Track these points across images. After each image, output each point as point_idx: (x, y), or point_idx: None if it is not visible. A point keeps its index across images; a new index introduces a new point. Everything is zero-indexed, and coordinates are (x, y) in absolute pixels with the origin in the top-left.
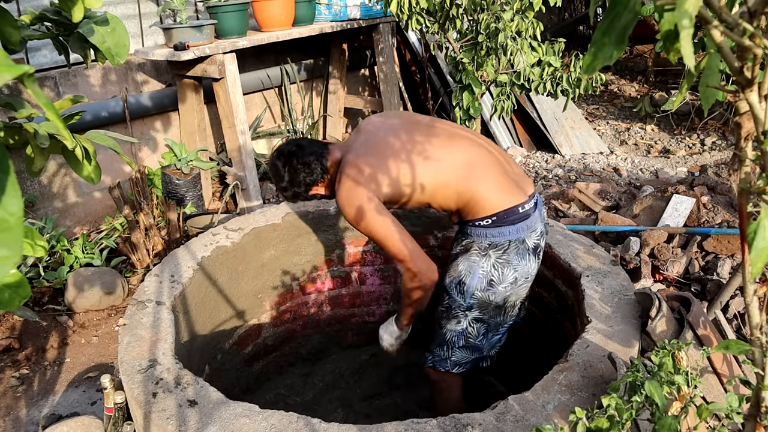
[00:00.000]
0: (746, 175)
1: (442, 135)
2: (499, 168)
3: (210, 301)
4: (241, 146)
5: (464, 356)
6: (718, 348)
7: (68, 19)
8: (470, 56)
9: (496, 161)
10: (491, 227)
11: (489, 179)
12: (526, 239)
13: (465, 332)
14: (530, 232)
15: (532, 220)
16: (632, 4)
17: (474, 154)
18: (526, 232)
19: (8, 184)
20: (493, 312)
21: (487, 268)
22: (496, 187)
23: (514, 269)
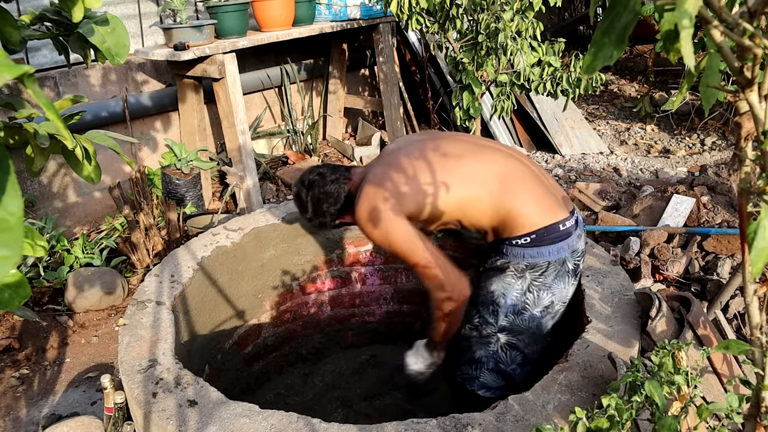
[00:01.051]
0: (746, 175)
1: (471, 147)
2: (536, 181)
3: (210, 301)
4: (241, 146)
5: (494, 380)
6: (718, 348)
7: (68, 19)
8: (470, 56)
9: (533, 174)
10: (529, 247)
11: (526, 193)
12: (567, 260)
13: (496, 355)
14: (571, 252)
15: (572, 239)
16: (632, 4)
17: (507, 167)
18: (567, 252)
19: (8, 184)
20: (530, 339)
21: (522, 290)
22: (534, 202)
23: (551, 293)
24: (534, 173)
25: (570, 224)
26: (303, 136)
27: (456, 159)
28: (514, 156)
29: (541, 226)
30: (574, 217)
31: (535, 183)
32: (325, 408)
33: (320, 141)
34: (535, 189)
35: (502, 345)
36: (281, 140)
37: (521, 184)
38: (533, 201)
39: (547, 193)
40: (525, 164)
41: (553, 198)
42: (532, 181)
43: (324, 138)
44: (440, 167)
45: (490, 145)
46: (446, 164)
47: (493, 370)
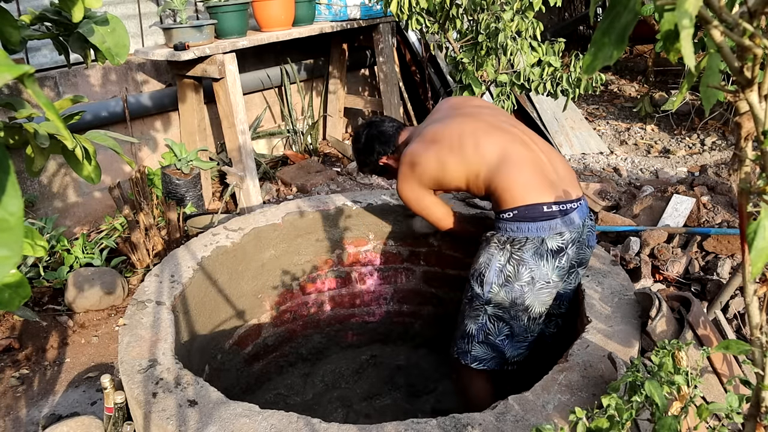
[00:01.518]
0: (746, 175)
1: (487, 126)
2: (535, 166)
3: (210, 301)
4: (241, 146)
5: (484, 353)
6: (718, 348)
7: (68, 19)
8: (470, 56)
9: (533, 159)
10: (511, 221)
11: (519, 174)
12: (546, 240)
13: (485, 327)
14: (553, 234)
15: (557, 222)
16: (632, 4)
17: (510, 149)
18: (548, 232)
19: (8, 184)
20: (515, 312)
21: (503, 262)
22: (523, 182)
23: (529, 269)
24: (536, 158)
25: (556, 209)
26: (303, 136)
27: (472, 137)
28: (522, 141)
29: (522, 203)
30: (568, 204)
31: (532, 167)
32: (325, 408)
33: (320, 141)
34: (529, 172)
35: (489, 316)
36: (281, 140)
37: (517, 166)
38: (521, 181)
39: (541, 177)
40: (531, 149)
41: (547, 183)
42: (530, 165)
43: (324, 138)
44: (458, 145)
45: (505, 127)
46: (463, 142)
47: (483, 342)
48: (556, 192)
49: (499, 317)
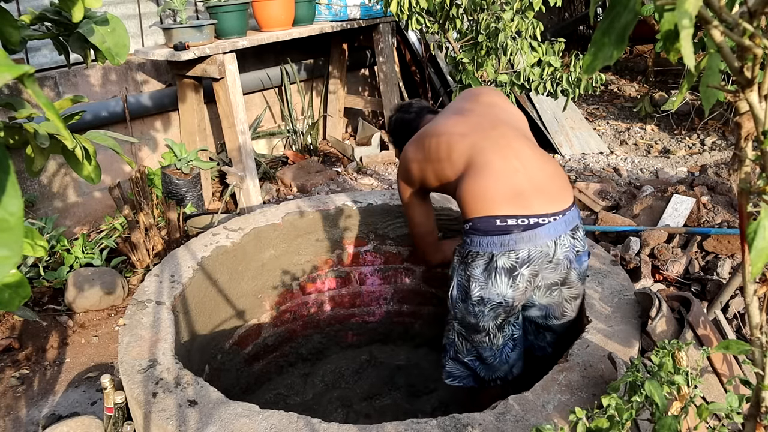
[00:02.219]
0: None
1: (467, 129)
2: (502, 176)
3: (210, 301)
4: (241, 146)
5: (458, 370)
6: (718, 348)
7: (68, 19)
8: (470, 56)
9: (503, 168)
10: (467, 233)
11: (479, 183)
12: (497, 257)
13: (454, 344)
14: (504, 250)
15: (510, 238)
16: (632, 4)
17: (479, 156)
18: (499, 248)
19: (8, 184)
20: (473, 333)
21: (462, 276)
22: (480, 193)
23: (479, 286)
24: (505, 167)
25: (513, 222)
26: (303, 136)
27: (447, 142)
28: (497, 145)
29: (476, 215)
30: (535, 219)
31: (495, 176)
32: (325, 408)
33: (320, 141)
34: (490, 181)
35: (457, 333)
36: (281, 140)
37: (478, 175)
38: (479, 192)
39: (504, 187)
40: (503, 156)
41: (511, 194)
42: (495, 174)
43: (324, 138)
44: (435, 152)
45: (486, 131)
46: (439, 149)
47: (455, 360)
48: (521, 204)
49: (463, 335)
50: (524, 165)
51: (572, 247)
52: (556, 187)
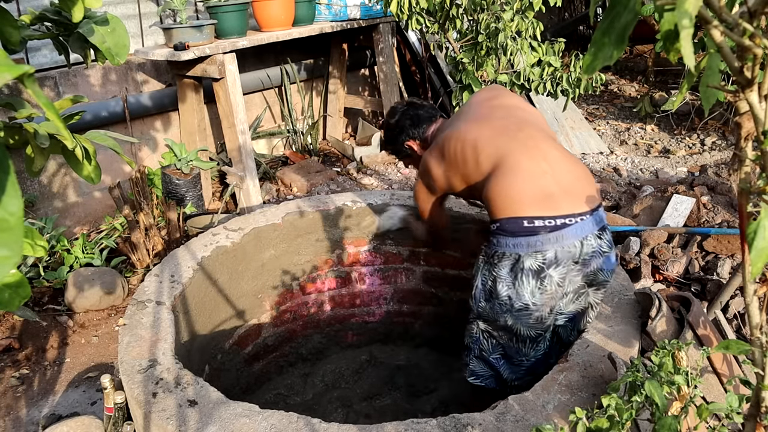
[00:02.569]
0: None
1: (492, 133)
2: (530, 176)
3: (210, 301)
4: (241, 146)
5: (482, 369)
6: (718, 348)
7: (68, 19)
8: (470, 56)
9: (531, 168)
10: (494, 234)
11: (507, 184)
12: (523, 258)
13: (479, 342)
14: (531, 251)
15: (537, 239)
16: (632, 4)
17: (506, 158)
18: (526, 249)
19: (8, 184)
20: (501, 332)
21: (486, 276)
22: (509, 193)
23: (506, 286)
24: (533, 168)
25: (541, 224)
26: (303, 136)
27: (473, 147)
28: (524, 146)
29: (504, 216)
30: (562, 219)
31: (523, 177)
32: (325, 408)
33: (320, 141)
34: (518, 182)
35: (482, 331)
36: (281, 140)
37: (506, 176)
38: (508, 192)
39: (532, 188)
40: (531, 157)
41: (540, 195)
42: (523, 174)
43: (324, 138)
44: (461, 159)
45: (512, 133)
46: (465, 156)
47: (479, 358)
48: (549, 205)
49: (489, 333)
50: (552, 167)
51: (599, 248)
52: (583, 189)
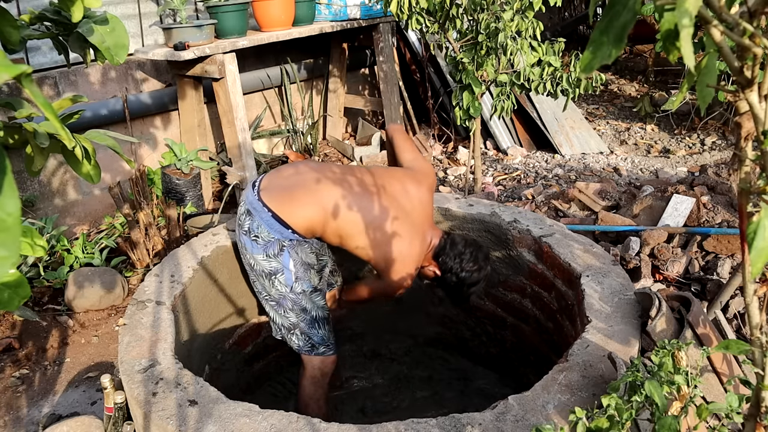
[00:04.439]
0: (746, 175)
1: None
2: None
3: (210, 300)
4: (241, 146)
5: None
6: (718, 348)
7: (68, 19)
8: (470, 56)
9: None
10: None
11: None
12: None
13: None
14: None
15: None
16: (631, 3)
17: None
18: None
19: (6, 184)
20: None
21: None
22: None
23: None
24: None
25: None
26: (303, 135)
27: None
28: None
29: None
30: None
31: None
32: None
33: (320, 141)
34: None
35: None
36: (281, 140)
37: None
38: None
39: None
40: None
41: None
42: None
43: (324, 138)
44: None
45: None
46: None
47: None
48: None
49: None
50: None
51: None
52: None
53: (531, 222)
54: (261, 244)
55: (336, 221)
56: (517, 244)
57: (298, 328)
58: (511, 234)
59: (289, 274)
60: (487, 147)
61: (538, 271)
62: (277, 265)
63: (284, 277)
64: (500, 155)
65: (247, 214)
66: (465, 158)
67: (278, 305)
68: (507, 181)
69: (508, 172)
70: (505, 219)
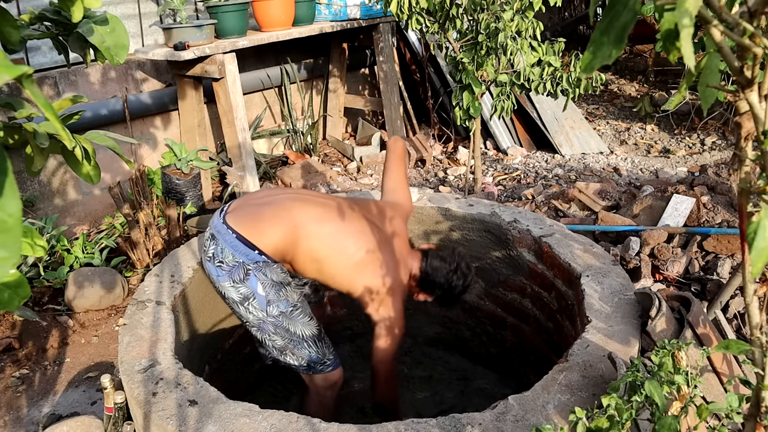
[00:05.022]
0: (746, 175)
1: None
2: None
3: (210, 300)
4: (241, 146)
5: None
6: (718, 348)
7: (68, 19)
8: (470, 56)
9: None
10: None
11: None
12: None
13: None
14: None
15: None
16: (632, 3)
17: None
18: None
19: (6, 184)
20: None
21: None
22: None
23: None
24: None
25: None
26: (303, 135)
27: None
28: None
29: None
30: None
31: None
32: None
33: (320, 141)
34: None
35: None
36: (281, 140)
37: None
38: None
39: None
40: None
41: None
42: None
43: (324, 138)
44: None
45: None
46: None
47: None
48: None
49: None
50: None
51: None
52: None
53: (531, 222)
54: (226, 270)
55: (309, 241)
56: (517, 244)
57: (288, 350)
58: (511, 234)
59: (261, 299)
60: (487, 147)
61: (538, 271)
62: (246, 291)
63: (257, 302)
64: (500, 155)
65: (211, 239)
66: (465, 158)
67: (260, 330)
68: (507, 181)
69: (508, 172)
70: (505, 219)
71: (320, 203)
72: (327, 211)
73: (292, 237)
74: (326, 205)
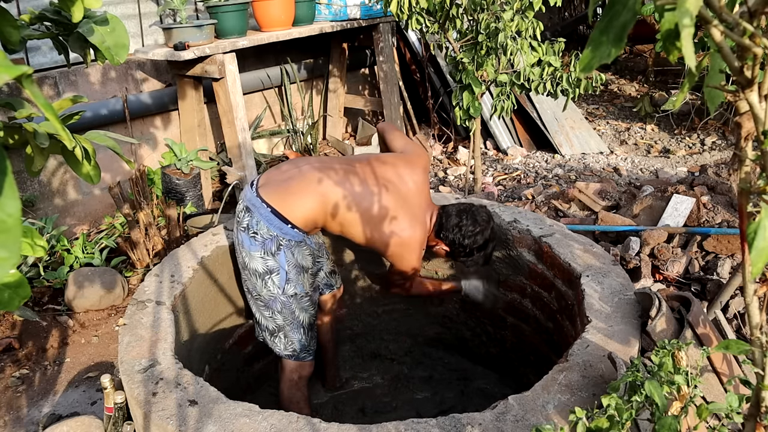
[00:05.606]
0: (746, 175)
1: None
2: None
3: (210, 300)
4: (241, 146)
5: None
6: (718, 348)
7: (68, 19)
8: (470, 56)
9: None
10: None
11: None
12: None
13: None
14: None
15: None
16: (631, 3)
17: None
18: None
19: (6, 185)
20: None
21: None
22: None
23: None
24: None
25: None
26: (303, 135)
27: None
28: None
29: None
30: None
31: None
32: (326, 407)
33: (320, 141)
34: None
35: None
36: (281, 140)
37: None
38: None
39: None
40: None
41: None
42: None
43: (324, 138)
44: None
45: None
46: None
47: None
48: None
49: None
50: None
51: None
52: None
53: (531, 222)
54: (259, 241)
55: (335, 211)
56: (517, 244)
57: (282, 332)
58: (511, 234)
59: (283, 275)
60: (487, 147)
61: (538, 271)
62: (273, 264)
63: (278, 277)
64: (500, 155)
65: (245, 211)
66: (465, 158)
67: (266, 307)
68: (507, 181)
69: (508, 172)
70: (505, 219)
71: (342, 169)
72: (348, 177)
73: (321, 207)
74: (347, 170)
